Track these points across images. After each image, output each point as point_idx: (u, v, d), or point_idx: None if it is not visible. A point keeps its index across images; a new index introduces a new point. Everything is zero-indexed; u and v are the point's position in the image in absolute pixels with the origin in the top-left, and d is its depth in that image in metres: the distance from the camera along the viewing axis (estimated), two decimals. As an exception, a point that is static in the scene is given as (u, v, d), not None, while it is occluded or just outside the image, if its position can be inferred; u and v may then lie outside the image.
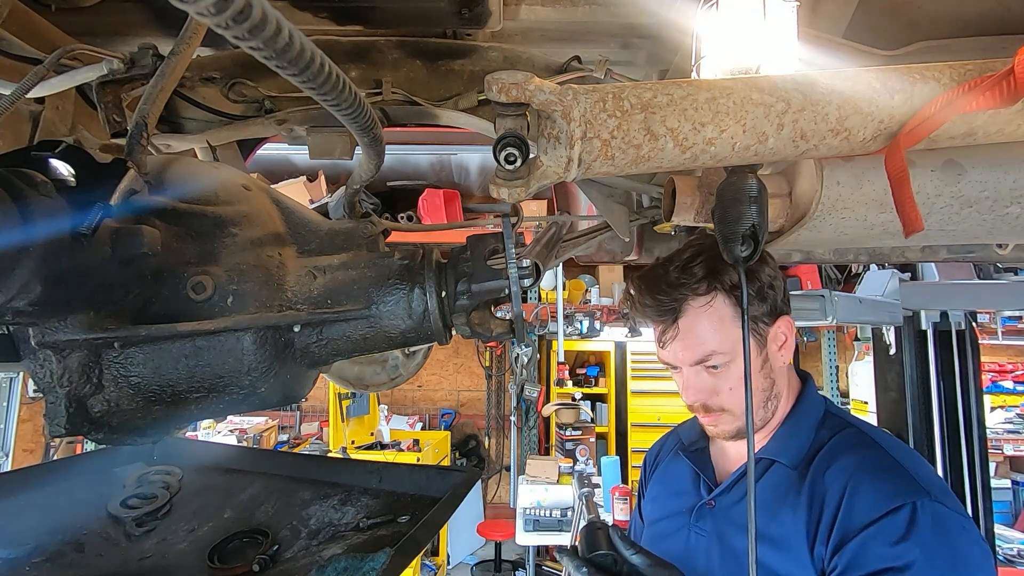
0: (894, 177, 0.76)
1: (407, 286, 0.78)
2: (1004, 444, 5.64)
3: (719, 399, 1.00)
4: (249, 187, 0.82)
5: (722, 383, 0.99)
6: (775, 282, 1.02)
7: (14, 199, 0.53)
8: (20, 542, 0.88)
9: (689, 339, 0.99)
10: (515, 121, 0.69)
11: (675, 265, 1.00)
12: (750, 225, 0.82)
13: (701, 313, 0.98)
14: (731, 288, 0.97)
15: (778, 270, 1.04)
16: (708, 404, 1.01)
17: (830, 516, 0.88)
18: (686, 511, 1.10)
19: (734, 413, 1.00)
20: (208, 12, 0.32)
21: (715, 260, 0.95)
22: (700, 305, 0.98)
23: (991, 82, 0.68)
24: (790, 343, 1.03)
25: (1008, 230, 1.00)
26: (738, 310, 0.97)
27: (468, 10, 1.01)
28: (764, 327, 1.01)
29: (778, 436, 1.03)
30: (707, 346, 0.98)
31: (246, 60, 1.07)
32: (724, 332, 0.98)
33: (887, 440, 0.97)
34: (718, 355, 0.98)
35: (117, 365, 0.69)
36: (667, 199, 1.13)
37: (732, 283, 0.97)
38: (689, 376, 1.02)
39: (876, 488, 0.86)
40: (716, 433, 1.05)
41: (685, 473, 1.16)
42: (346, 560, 0.74)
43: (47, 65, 0.81)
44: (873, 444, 0.95)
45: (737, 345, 0.97)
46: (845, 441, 0.97)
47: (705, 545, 1.04)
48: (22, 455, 4.52)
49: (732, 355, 0.97)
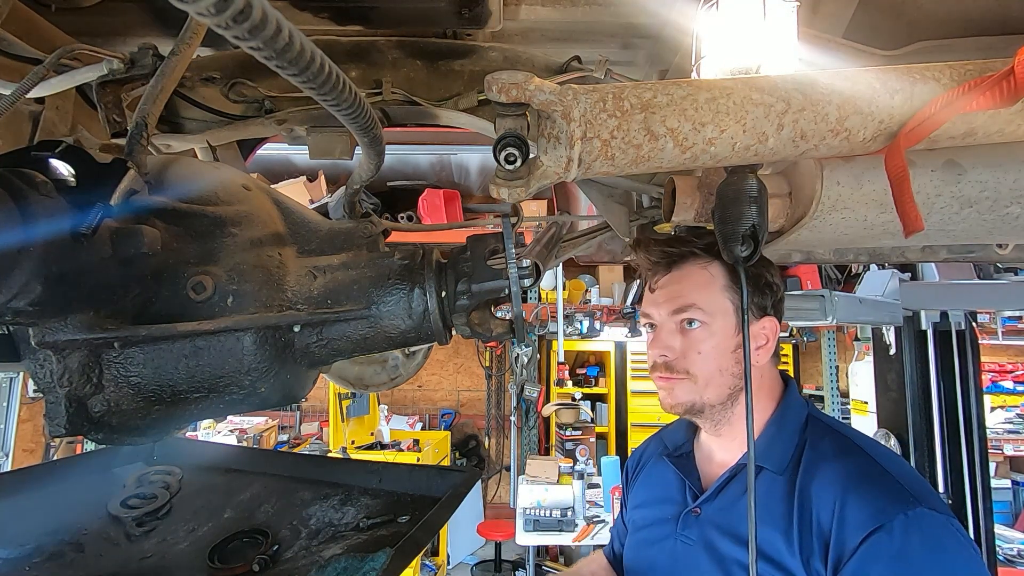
0: (894, 177, 0.76)
1: (407, 286, 0.78)
2: (1004, 444, 5.64)
3: (686, 361, 0.99)
4: (249, 187, 0.82)
5: (694, 344, 0.98)
6: (774, 284, 1.02)
7: (14, 199, 0.53)
8: (20, 542, 0.88)
9: (674, 288, 1.00)
10: (515, 121, 0.69)
11: (690, 229, 1.01)
12: (750, 225, 0.82)
13: (695, 270, 1.00)
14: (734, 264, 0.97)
15: (781, 278, 1.05)
16: (672, 363, 1.00)
17: (824, 532, 0.86)
18: (672, 519, 1.07)
19: (695, 381, 0.98)
20: (208, 12, 0.32)
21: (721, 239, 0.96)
22: (697, 264, 1.00)
23: (991, 82, 0.68)
24: (769, 346, 1.02)
25: (1008, 230, 1.00)
26: (733, 286, 0.98)
27: (468, 10, 1.01)
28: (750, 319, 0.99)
29: (762, 440, 1.01)
30: (689, 298, 0.98)
31: (246, 60, 1.07)
32: (711, 295, 0.98)
33: (869, 445, 0.96)
34: (697, 311, 0.98)
35: (117, 365, 0.69)
36: (667, 199, 1.13)
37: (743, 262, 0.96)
38: (662, 330, 1.01)
39: (866, 501, 0.85)
40: (669, 403, 1.02)
41: (670, 479, 1.13)
42: (346, 560, 0.74)
43: (47, 65, 0.81)
44: (857, 450, 0.94)
45: (720, 313, 0.98)
46: (829, 448, 0.95)
47: (692, 554, 1.01)
48: (22, 455, 4.52)
49: (712, 319, 0.97)
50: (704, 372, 0.98)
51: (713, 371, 0.98)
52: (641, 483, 1.24)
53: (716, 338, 0.98)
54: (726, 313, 0.99)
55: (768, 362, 1.04)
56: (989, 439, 3.89)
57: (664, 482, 1.15)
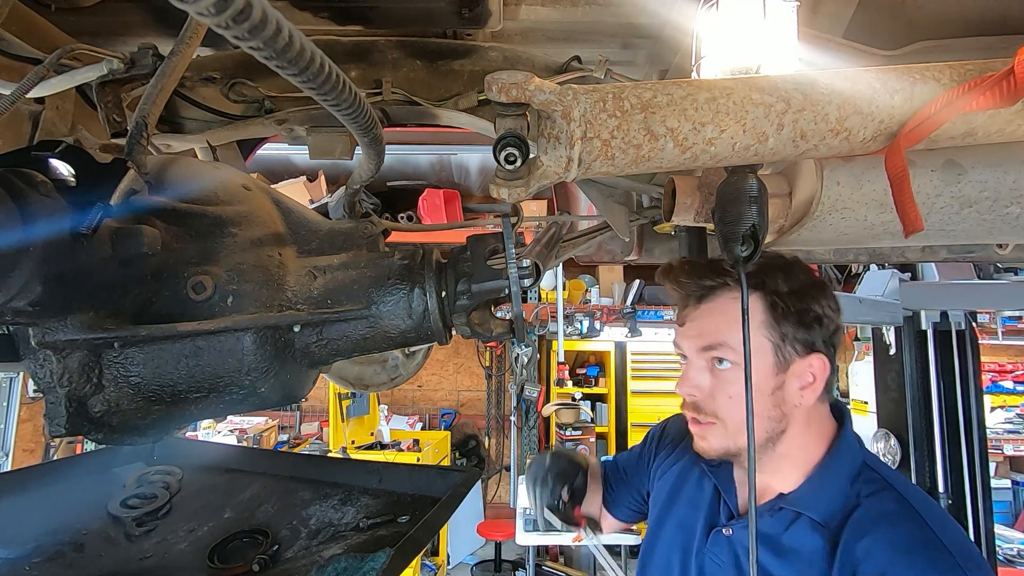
0: (894, 177, 0.76)
1: (407, 286, 0.78)
2: (1004, 444, 5.63)
3: (714, 403, 0.93)
4: (249, 187, 0.82)
5: (724, 386, 0.92)
6: (827, 319, 0.92)
7: (14, 199, 0.53)
8: (20, 542, 0.88)
9: (706, 323, 0.93)
10: (515, 121, 0.69)
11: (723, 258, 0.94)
12: (750, 225, 0.82)
13: (729, 303, 0.91)
14: (772, 299, 0.90)
15: (836, 309, 0.94)
16: (700, 405, 0.94)
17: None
18: (700, 528, 1.02)
19: (726, 427, 0.92)
20: (208, 12, 0.32)
21: (769, 267, 0.91)
22: (732, 296, 0.91)
23: (991, 82, 0.68)
24: (816, 386, 0.92)
25: (1008, 230, 1.00)
26: (773, 322, 0.89)
27: (468, 10, 1.01)
28: (791, 353, 0.90)
29: (808, 485, 0.93)
30: (720, 335, 0.91)
31: (246, 60, 1.07)
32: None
33: (925, 507, 0.88)
34: (728, 350, 0.90)
35: (117, 365, 0.69)
36: (667, 199, 1.13)
37: (776, 295, 0.89)
38: (692, 367, 0.95)
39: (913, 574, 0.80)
40: (702, 448, 0.97)
41: (705, 487, 1.07)
42: (346, 560, 0.74)
43: (47, 65, 0.81)
44: (912, 515, 0.86)
45: (755, 352, 0.87)
46: (882, 508, 0.87)
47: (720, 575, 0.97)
48: (22, 455, 4.52)
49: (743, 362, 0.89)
50: (735, 418, 0.91)
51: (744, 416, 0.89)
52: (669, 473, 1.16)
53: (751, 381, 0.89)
54: (762, 352, 0.90)
55: (817, 402, 0.94)
56: (989, 439, 3.89)
57: (697, 486, 1.09)
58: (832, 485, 0.91)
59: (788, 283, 0.91)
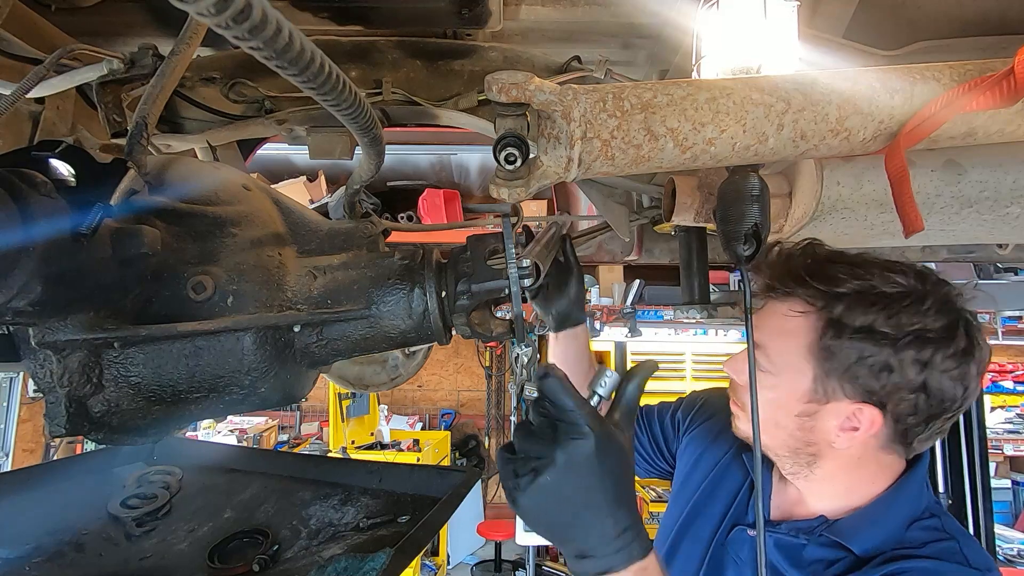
0: (894, 177, 0.76)
1: (407, 286, 0.78)
2: (1004, 444, 5.63)
3: (744, 395, 0.89)
4: (249, 187, 0.82)
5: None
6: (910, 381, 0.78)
7: (14, 199, 0.53)
8: (20, 542, 0.88)
9: (760, 321, 0.89)
10: (515, 121, 0.69)
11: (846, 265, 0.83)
12: (752, 224, 0.82)
13: (785, 315, 0.85)
14: (832, 330, 0.81)
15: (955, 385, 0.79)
16: (736, 389, 0.94)
17: None
18: (724, 521, 1.00)
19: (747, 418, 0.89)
20: (208, 12, 0.32)
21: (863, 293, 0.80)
22: (793, 309, 0.85)
23: (991, 82, 0.68)
24: (861, 438, 0.83)
25: (1008, 230, 1.00)
26: (831, 354, 0.81)
27: (468, 10, 1.01)
28: (835, 391, 0.81)
29: (856, 517, 0.87)
30: (763, 339, 0.87)
31: (246, 60, 1.07)
32: (786, 348, 0.85)
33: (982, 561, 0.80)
34: (764, 358, 0.87)
35: (117, 365, 0.69)
36: (667, 199, 1.13)
37: (839, 326, 0.80)
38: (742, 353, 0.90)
39: None
40: (735, 426, 0.97)
41: (737, 476, 1.04)
42: (346, 560, 0.74)
43: (47, 65, 0.81)
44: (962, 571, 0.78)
45: (790, 372, 0.84)
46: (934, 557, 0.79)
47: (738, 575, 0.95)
48: (22, 455, 4.52)
49: (777, 373, 0.86)
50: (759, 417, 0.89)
51: (768, 420, 0.87)
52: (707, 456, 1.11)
53: (775, 393, 0.86)
54: (800, 374, 0.84)
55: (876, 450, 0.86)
56: (989, 439, 3.89)
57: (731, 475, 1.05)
58: (884, 525, 0.84)
59: (866, 318, 0.79)
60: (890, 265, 0.83)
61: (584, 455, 0.61)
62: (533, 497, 0.62)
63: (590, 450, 0.61)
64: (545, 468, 0.62)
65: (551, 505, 0.63)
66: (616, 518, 0.63)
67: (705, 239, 1.43)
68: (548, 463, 0.62)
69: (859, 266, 0.83)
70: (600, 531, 0.63)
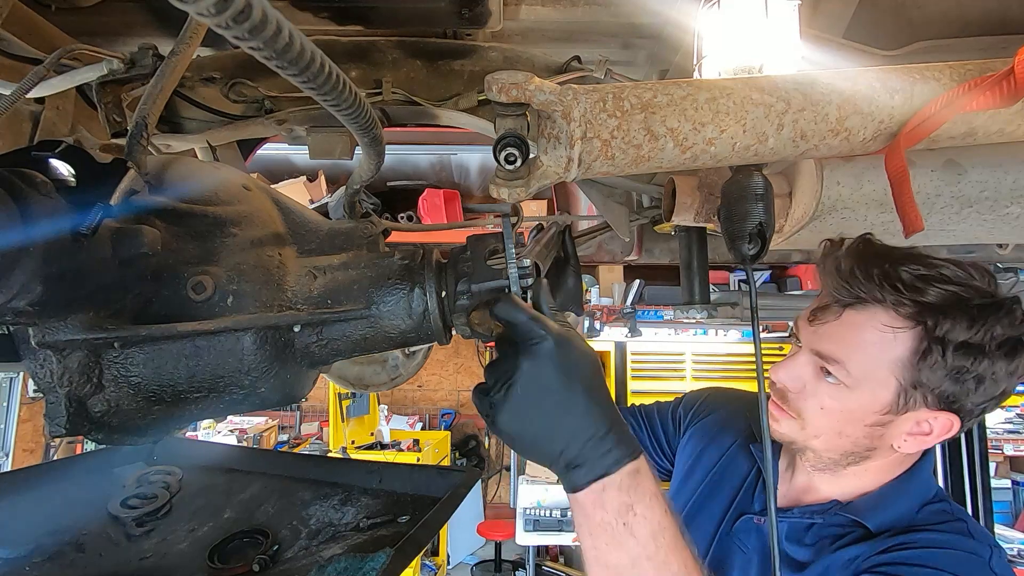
0: (894, 177, 0.76)
1: (407, 286, 0.78)
2: (1004, 444, 5.62)
3: (803, 404, 0.87)
4: (249, 187, 0.82)
5: (819, 396, 0.86)
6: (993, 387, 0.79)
7: (14, 199, 0.53)
8: (20, 542, 0.88)
9: (836, 333, 0.83)
10: (515, 121, 0.69)
11: (919, 267, 0.80)
12: (757, 223, 0.82)
13: (876, 328, 0.80)
14: (928, 344, 0.78)
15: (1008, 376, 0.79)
16: (789, 398, 0.89)
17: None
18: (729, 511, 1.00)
19: (803, 427, 0.88)
20: (208, 13, 0.32)
21: (957, 306, 0.77)
22: (884, 321, 0.80)
23: (991, 82, 0.68)
24: (927, 442, 0.84)
25: (1008, 230, 1.00)
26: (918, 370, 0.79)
27: (468, 10, 1.01)
28: (917, 402, 0.81)
29: (871, 497, 0.89)
30: (843, 353, 0.82)
31: (246, 60, 1.07)
32: (871, 363, 0.81)
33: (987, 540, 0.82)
34: (842, 371, 0.83)
35: (117, 365, 0.69)
36: (667, 199, 1.13)
37: (939, 342, 0.78)
38: (798, 360, 0.88)
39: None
40: (774, 427, 0.92)
41: (742, 467, 1.04)
42: (346, 560, 0.74)
43: (47, 65, 0.81)
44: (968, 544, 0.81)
45: (871, 384, 0.81)
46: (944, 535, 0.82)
47: (743, 563, 0.95)
48: (22, 455, 4.52)
49: (855, 386, 0.82)
50: (818, 426, 0.87)
51: (829, 430, 0.87)
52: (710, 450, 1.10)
53: (849, 404, 0.84)
54: (883, 387, 0.81)
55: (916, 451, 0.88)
56: (989, 439, 3.89)
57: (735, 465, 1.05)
58: (898, 506, 0.87)
59: (969, 333, 0.77)
60: (960, 265, 0.81)
61: (547, 355, 0.60)
62: (509, 411, 0.61)
63: (551, 349, 0.60)
64: (513, 380, 0.61)
65: (528, 415, 0.61)
66: (595, 419, 0.62)
67: (705, 239, 1.43)
68: (515, 374, 0.61)
69: (935, 268, 0.80)
70: (584, 434, 0.61)
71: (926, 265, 0.80)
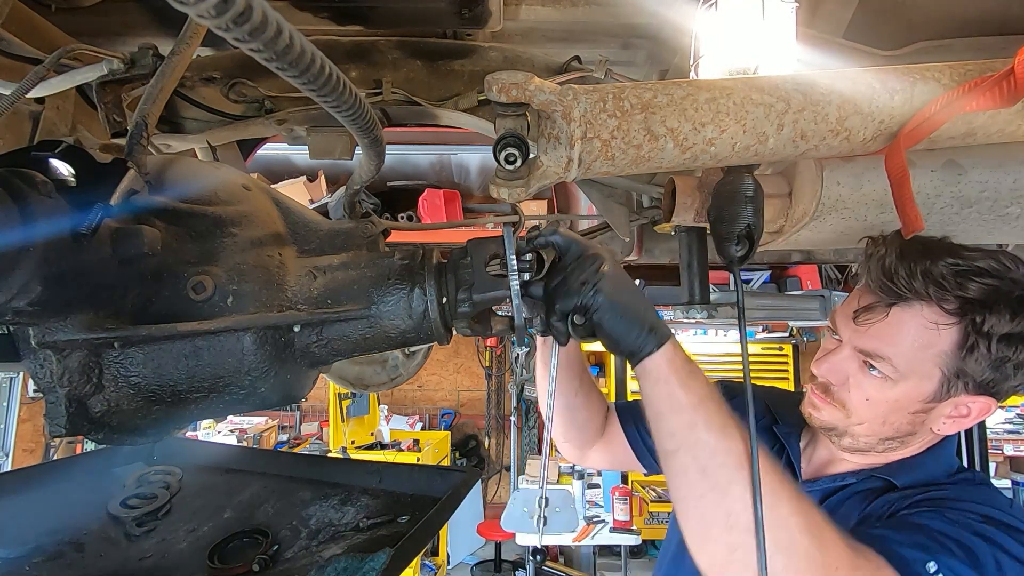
0: (894, 177, 0.76)
1: (407, 286, 0.78)
2: (1004, 444, 5.63)
3: (846, 395, 0.90)
4: (249, 187, 0.82)
5: (863, 388, 0.88)
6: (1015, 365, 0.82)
7: (14, 199, 0.53)
8: (20, 542, 0.88)
9: (883, 330, 0.85)
10: (515, 121, 0.69)
11: (958, 261, 0.82)
12: (745, 225, 0.82)
13: (922, 324, 0.82)
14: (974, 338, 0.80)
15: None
16: (832, 390, 0.92)
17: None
18: None
19: (847, 416, 0.91)
20: (209, 14, 0.32)
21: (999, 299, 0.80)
22: (930, 317, 0.82)
23: (991, 82, 0.68)
24: (965, 423, 0.88)
25: (1008, 230, 1.00)
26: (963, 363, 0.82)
27: (468, 10, 1.01)
28: (959, 389, 0.84)
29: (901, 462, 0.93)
30: (889, 350, 0.85)
31: (246, 60, 1.07)
32: (917, 357, 0.83)
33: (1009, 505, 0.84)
34: (888, 367, 0.85)
35: (117, 365, 0.69)
36: (667, 199, 1.13)
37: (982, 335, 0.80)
38: (841, 354, 0.90)
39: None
40: (812, 416, 0.96)
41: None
42: (346, 560, 0.74)
43: (47, 65, 0.81)
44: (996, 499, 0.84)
45: (918, 377, 0.84)
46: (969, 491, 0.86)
47: None
48: (22, 455, 4.52)
49: (900, 379, 0.85)
50: (862, 416, 0.90)
51: (874, 419, 0.90)
52: None
53: (894, 394, 0.86)
54: (927, 379, 0.84)
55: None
56: (989, 439, 3.88)
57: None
58: (927, 468, 0.92)
59: (1011, 325, 0.79)
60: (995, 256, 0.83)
61: (613, 261, 0.75)
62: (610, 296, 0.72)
63: (612, 257, 0.75)
64: (599, 280, 0.72)
65: (623, 298, 0.73)
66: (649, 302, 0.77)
67: (705, 239, 1.42)
68: (598, 278, 0.72)
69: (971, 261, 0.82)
70: (651, 309, 0.76)
71: (963, 258, 0.82)
